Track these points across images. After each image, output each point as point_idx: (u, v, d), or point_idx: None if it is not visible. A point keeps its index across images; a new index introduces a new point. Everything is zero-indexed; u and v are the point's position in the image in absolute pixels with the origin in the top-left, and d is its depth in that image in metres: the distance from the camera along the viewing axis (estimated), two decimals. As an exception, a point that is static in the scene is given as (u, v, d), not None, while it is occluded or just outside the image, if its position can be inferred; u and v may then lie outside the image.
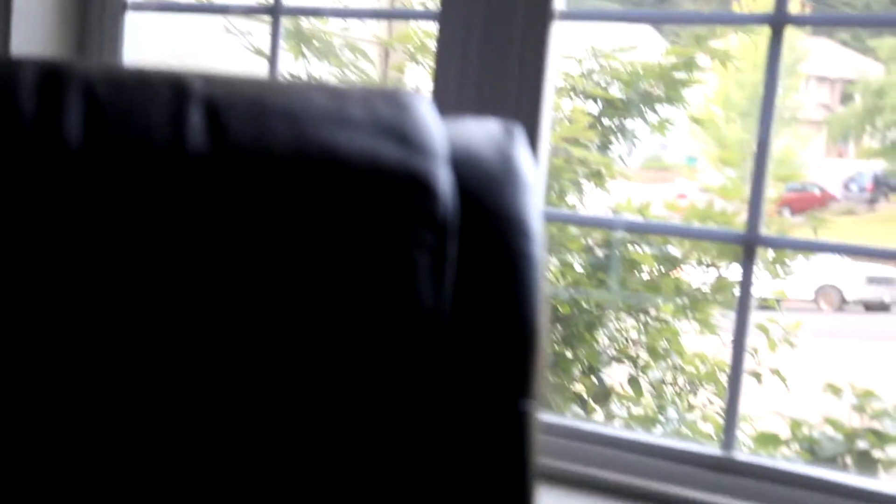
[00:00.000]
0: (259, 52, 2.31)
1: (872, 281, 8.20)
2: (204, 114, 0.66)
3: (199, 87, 0.68)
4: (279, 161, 0.65)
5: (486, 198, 0.73)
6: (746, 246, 1.49)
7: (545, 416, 1.66)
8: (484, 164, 0.76)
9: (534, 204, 0.75)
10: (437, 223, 0.67)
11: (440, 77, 1.65)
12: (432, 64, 2.15)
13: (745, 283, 1.49)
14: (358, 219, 0.65)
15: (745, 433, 2.21)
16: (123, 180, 0.62)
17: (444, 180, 0.68)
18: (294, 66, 2.38)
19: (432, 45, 2.39)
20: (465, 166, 0.73)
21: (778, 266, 2.11)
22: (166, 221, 0.61)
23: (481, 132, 0.80)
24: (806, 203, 9.52)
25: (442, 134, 0.72)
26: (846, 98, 12.59)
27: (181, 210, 0.61)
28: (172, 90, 0.68)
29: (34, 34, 1.91)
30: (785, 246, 2.03)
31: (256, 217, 0.63)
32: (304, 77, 2.38)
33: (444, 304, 0.66)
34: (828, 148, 12.64)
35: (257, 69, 2.40)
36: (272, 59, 1.84)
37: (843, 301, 8.23)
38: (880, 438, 1.78)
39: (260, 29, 2.30)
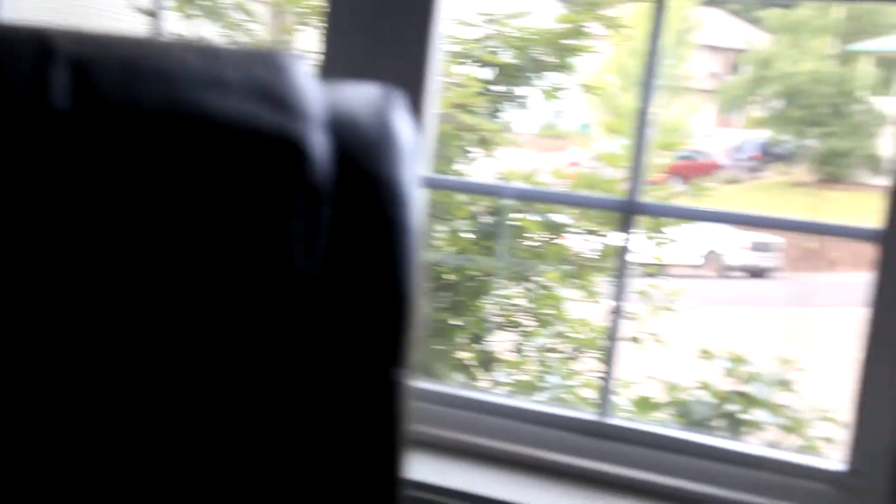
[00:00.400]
0: (143, 10, 2.23)
1: (755, 247, 8.49)
2: (70, 72, 0.64)
3: (65, 44, 0.66)
4: (149, 121, 0.64)
5: (363, 164, 0.73)
6: (625, 213, 1.52)
7: (426, 384, 1.67)
8: (361, 129, 0.75)
9: (411, 170, 0.75)
10: (311, 188, 0.67)
11: (329, 41, 1.63)
12: (323, 22, 2.12)
13: (623, 249, 1.52)
14: (230, 181, 0.64)
15: (625, 398, 2.27)
16: None
17: (319, 145, 0.68)
18: (181, 27, 2.31)
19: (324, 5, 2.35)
20: (342, 131, 0.72)
21: (659, 233, 2.16)
22: (25, 177, 0.59)
23: (359, 97, 0.79)
24: (694, 171, 9.75)
25: (318, 98, 0.71)
26: (735, 68, 12.92)
27: (42, 166, 0.59)
28: (36, 47, 0.65)
29: None
30: (662, 213, 2.08)
31: (124, 175, 0.61)
32: (190, 37, 2.31)
33: (317, 269, 0.66)
34: (717, 117, 12.96)
35: (142, 29, 2.33)
36: (156, 18, 1.79)
37: (728, 267, 8.51)
38: (748, 401, 1.85)
39: (143, -17, 2.22)
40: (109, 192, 0.61)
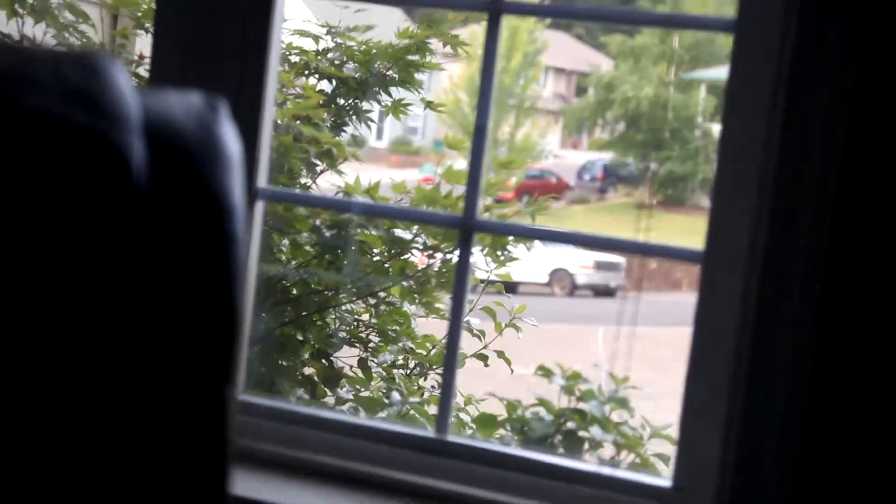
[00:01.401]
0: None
1: (601, 266, 8.75)
2: None
3: None
4: None
5: (185, 172, 0.70)
6: (463, 230, 1.52)
7: (267, 401, 1.63)
8: (183, 137, 0.72)
9: (236, 180, 0.72)
10: (128, 195, 0.64)
11: (160, 45, 1.58)
12: (153, 26, 2.05)
13: (462, 266, 1.52)
14: (42, 187, 0.61)
15: (468, 415, 2.27)
16: None
17: (136, 151, 0.65)
18: (6, 27, 2.19)
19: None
20: (163, 138, 0.69)
21: (498, 252, 2.18)
22: None
23: (181, 104, 0.76)
24: (543, 190, 10.00)
25: (136, 103, 0.68)
26: (580, 90, 13.32)
27: None
28: None
29: None
30: (500, 232, 2.09)
31: None
32: (16, 37, 2.20)
33: (137, 278, 0.63)
34: (564, 138, 13.33)
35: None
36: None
37: (575, 286, 8.74)
38: (584, 419, 1.88)
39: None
40: None
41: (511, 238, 2.16)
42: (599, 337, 7.41)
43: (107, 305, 0.64)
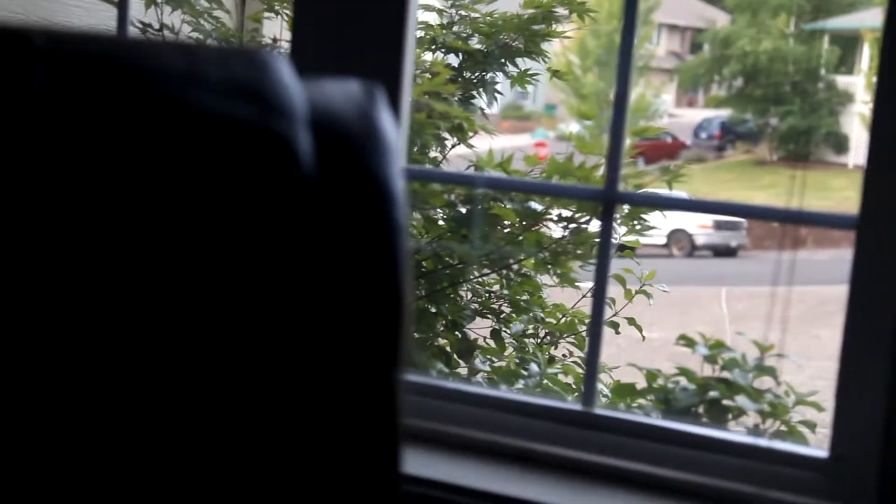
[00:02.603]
0: (109, 1, 2.19)
1: (721, 226, 8.56)
2: (47, 71, 0.62)
3: (44, 43, 0.64)
4: (131, 118, 0.62)
5: (349, 161, 0.72)
6: (605, 203, 1.51)
7: (409, 376, 1.66)
8: (345, 126, 0.74)
9: (397, 167, 0.74)
10: (298, 187, 0.66)
11: (299, 29, 1.60)
12: (290, 14, 2.09)
13: (605, 239, 1.52)
14: (215, 181, 0.63)
15: (603, 384, 2.27)
16: None
17: (304, 143, 0.67)
18: (145, 15, 2.26)
19: (290, -7, 2.32)
20: (326, 129, 0.71)
21: (634, 221, 2.16)
22: (11, 171, 0.57)
23: (342, 94, 0.78)
24: (658, 151, 9.82)
25: (301, 95, 0.70)
26: (695, 47, 12.99)
27: (27, 161, 0.57)
28: (15, 45, 0.64)
29: None
30: (641, 203, 2.07)
31: (109, 173, 0.60)
32: (156, 26, 2.27)
33: (309, 269, 0.65)
34: (679, 96, 13.04)
35: (108, 19, 2.28)
36: (122, 7, 1.75)
37: (694, 246, 8.58)
38: (729, 388, 1.85)
39: (106, -27, 2.17)
40: (94, 189, 0.60)
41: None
42: (723, 298, 7.27)
43: (282, 295, 0.66)
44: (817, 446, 1.48)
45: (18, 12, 2.10)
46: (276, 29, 2.37)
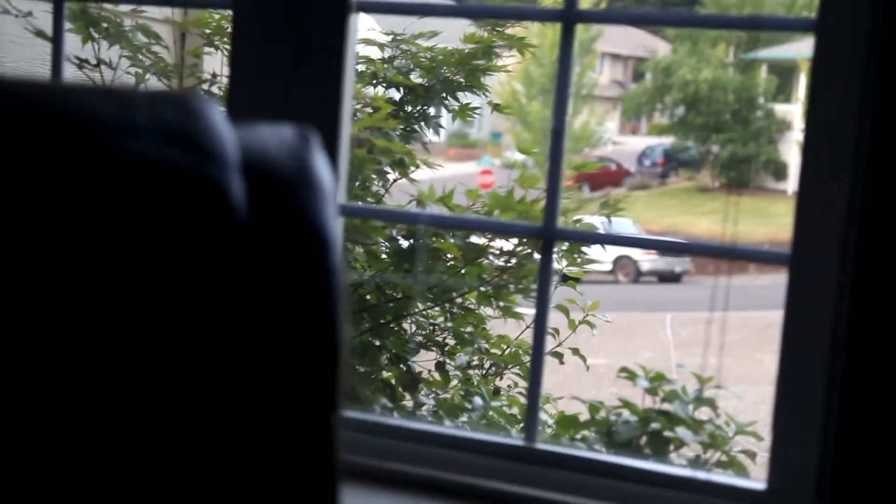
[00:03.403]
0: (42, 35, 2.16)
1: (665, 252, 8.67)
2: None
3: None
4: (60, 168, 0.62)
5: (282, 206, 0.72)
6: (545, 240, 1.52)
7: (351, 412, 1.65)
8: (278, 171, 0.74)
9: (331, 211, 0.74)
10: (231, 232, 0.65)
11: (236, 67, 1.60)
12: (230, 48, 2.08)
13: (544, 275, 1.52)
14: (147, 228, 0.62)
15: (548, 414, 2.28)
16: None
17: (236, 188, 0.66)
18: (84, 51, 2.24)
19: (230, 27, 2.31)
20: (259, 174, 0.71)
21: (575, 254, 2.18)
22: None
23: (275, 138, 0.78)
24: (603, 179, 9.93)
25: (233, 140, 0.70)
26: (638, 76, 13.19)
27: None
28: None
29: None
30: (580, 239, 2.09)
31: (42, 221, 0.59)
32: (93, 61, 2.25)
33: (243, 314, 0.65)
34: (622, 124, 13.22)
35: (43, 53, 2.25)
36: (56, 44, 1.73)
37: (639, 272, 8.67)
38: (670, 420, 1.87)
39: (42, 8, 2.15)
40: (24, 239, 0.59)
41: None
42: (667, 323, 7.36)
43: (214, 341, 0.66)
44: (756, 477, 1.50)
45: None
46: (216, 64, 2.37)
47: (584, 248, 2.19)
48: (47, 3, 1.92)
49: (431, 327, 2.42)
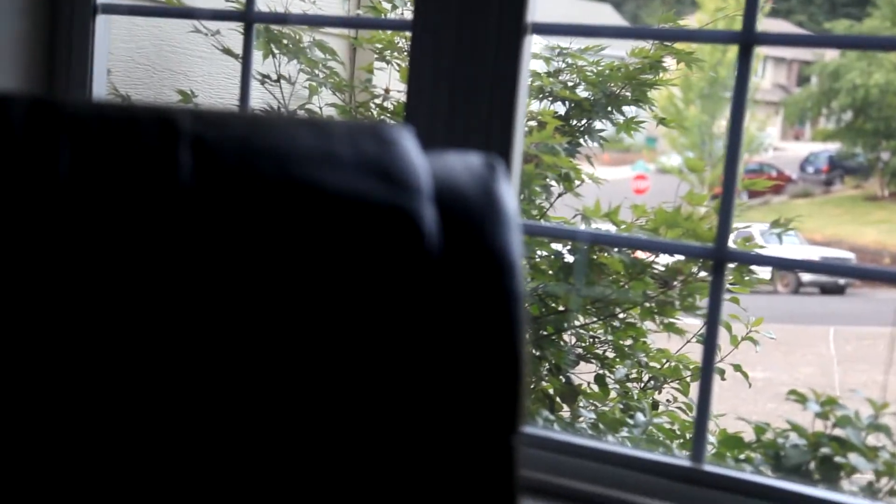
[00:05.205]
0: (228, 52, 2.29)
1: (826, 262, 8.34)
2: (192, 153, 0.66)
3: (187, 125, 0.69)
4: (266, 198, 0.66)
5: (471, 235, 0.74)
6: (716, 261, 1.51)
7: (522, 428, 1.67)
8: (468, 200, 0.77)
9: (517, 240, 0.76)
10: (423, 262, 0.68)
11: (413, 87, 1.65)
12: (402, 63, 2.15)
13: (715, 296, 1.51)
14: (344, 258, 0.66)
15: (709, 432, 2.25)
16: (115, 215, 0.62)
17: (428, 218, 0.69)
18: (263, 66, 2.36)
19: (402, 42, 2.38)
20: (449, 203, 0.74)
21: (743, 274, 2.14)
22: (158, 251, 0.61)
23: (463, 167, 0.81)
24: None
25: (426, 170, 0.73)
26: (802, 80, 12.73)
27: (171, 240, 0.62)
28: (161, 128, 0.68)
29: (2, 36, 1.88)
30: (752, 262, 2.06)
31: (245, 248, 0.63)
32: (274, 77, 2.36)
33: (432, 340, 0.68)
34: (785, 129, 12.79)
35: (227, 68, 2.38)
36: (245, 65, 1.83)
37: (800, 283, 8.37)
38: (842, 446, 1.82)
39: (228, 27, 2.27)
40: (231, 264, 0.63)
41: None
42: (830, 337, 7.07)
43: (406, 366, 0.68)
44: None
45: (144, 63, 2.21)
46: (387, 79, 2.44)
47: (751, 269, 2.15)
48: (236, 22, 2.03)
49: (591, 340, 2.42)
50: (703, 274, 2.21)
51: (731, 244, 1.52)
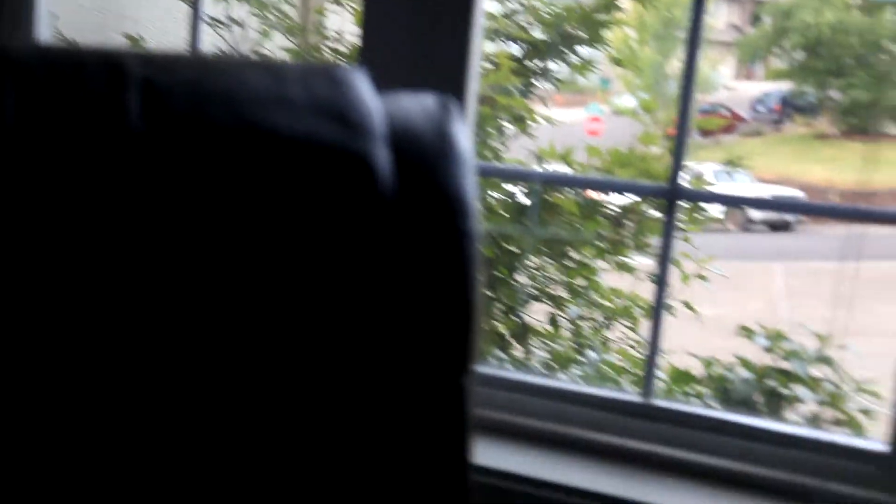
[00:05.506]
0: (179, -5, 2.24)
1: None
2: (141, 97, 0.66)
3: (135, 68, 0.68)
4: (217, 141, 0.65)
5: (426, 177, 0.75)
6: (669, 199, 1.54)
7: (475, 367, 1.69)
8: (422, 142, 0.77)
9: (471, 181, 0.77)
10: (378, 204, 0.69)
11: (367, 29, 1.64)
12: (355, 5, 2.12)
13: (668, 234, 1.54)
14: (297, 201, 0.66)
15: (659, 368, 2.29)
16: (62, 161, 0.62)
17: (383, 160, 0.70)
18: (214, 9, 2.32)
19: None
20: (404, 145, 0.74)
21: (695, 213, 2.17)
22: (108, 197, 0.61)
23: (418, 109, 0.81)
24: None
25: (380, 112, 0.72)
26: (755, 19, 12.76)
27: (120, 185, 0.61)
28: (109, 72, 0.67)
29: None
30: (705, 199, 2.09)
31: (197, 192, 0.62)
32: (224, 20, 2.32)
33: (386, 281, 0.68)
34: (737, 69, 12.85)
35: (176, 12, 2.34)
36: (194, 8, 1.80)
37: (749, 221, 8.48)
38: (788, 378, 1.87)
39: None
40: (183, 209, 0.63)
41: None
42: (778, 273, 7.19)
43: (359, 306, 0.69)
44: (874, 437, 1.49)
45: (91, 7, 2.17)
46: (340, 21, 2.41)
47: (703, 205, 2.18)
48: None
49: (544, 280, 2.45)
50: (655, 213, 2.24)
51: (683, 183, 1.54)
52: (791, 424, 1.63)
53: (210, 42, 2.33)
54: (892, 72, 9.58)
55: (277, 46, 2.39)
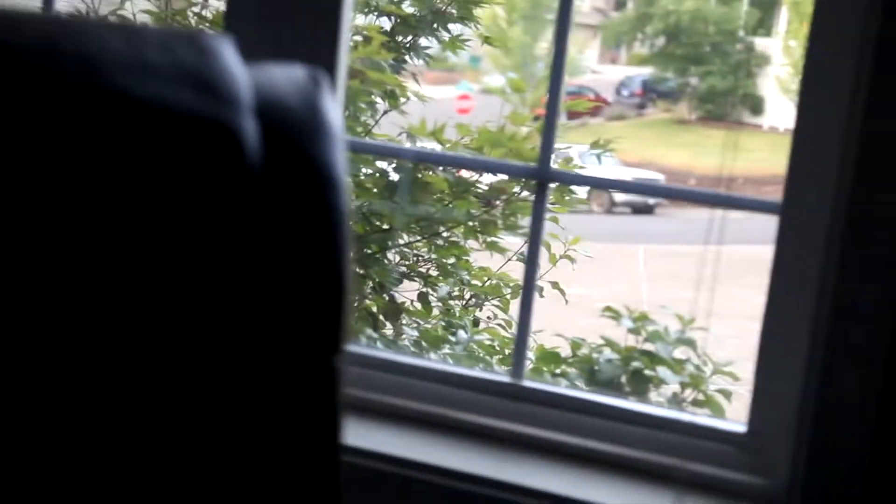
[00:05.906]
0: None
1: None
2: None
3: None
4: (71, 107, 0.61)
5: (294, 150, 0.72)
6: (539, 181, 1.53)
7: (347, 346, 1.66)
8: (290, 114, 0.74)
9: (341, 156, 0.74)
10: (244, 177, 0.66)
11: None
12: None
13: (538, 215, 1.54)
14: (157, 171, 0.62)
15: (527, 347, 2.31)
16: None
17: (249, 132, 0.66)
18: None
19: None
20: (271, 116, 0.71)
21: (564, 195, 2.19)
22: None
23: (286, 80, 0.77)
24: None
25: (246, 82, 0.69)
26: (620, 4, 13.08)
27: None
28: None
29: None
30: (575, 182, 2.10)
31: (51, 159, 0.58)
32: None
33: (252, 257, 0.65)
34: (602, 52, 13.14)
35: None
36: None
37: (613, 203, 8.70)
38: (652, 360, 1.91)
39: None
40: (31, 174, 0.58)
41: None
42: (641, 255, 7.41)
43: (225, 282, 0.66)
44: (733, 418, 1.54)
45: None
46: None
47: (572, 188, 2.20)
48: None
49: (415, 258, 2.43)
50: (524, 193, 2.24)
51: (552, 164, 1.54)
52: (654, 406, 1.66)
53: (66, 3, 2.21)
54: (745, 61, 9.98)
55: (139, 9, 2.28)
